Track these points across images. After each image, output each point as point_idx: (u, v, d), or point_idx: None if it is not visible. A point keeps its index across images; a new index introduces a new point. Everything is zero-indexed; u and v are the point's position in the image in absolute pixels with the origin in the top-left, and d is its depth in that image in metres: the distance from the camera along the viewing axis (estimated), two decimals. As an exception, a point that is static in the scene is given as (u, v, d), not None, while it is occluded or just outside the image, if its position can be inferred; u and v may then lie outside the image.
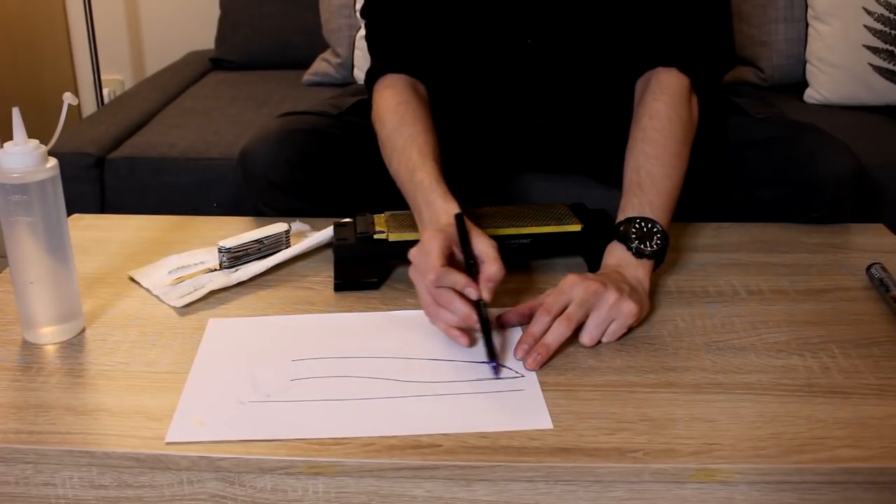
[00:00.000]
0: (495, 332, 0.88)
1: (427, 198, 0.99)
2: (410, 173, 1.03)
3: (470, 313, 0.86)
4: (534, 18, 1.24)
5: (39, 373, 0.85)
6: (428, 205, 0.98)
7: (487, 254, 0.89)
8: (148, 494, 0.75)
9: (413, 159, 1.04)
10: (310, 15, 2.21)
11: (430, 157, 1.04)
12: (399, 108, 1.12)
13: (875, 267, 1.02)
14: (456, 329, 0.88)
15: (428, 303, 0.90)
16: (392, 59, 1.20)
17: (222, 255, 1.04)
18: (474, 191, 1.47)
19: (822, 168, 1.17)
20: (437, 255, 0.88)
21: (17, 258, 0.87)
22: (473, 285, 0.87)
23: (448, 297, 0.87)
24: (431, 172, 1.01)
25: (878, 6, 1.84)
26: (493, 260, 0.89)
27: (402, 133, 1.08)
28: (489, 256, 0.89)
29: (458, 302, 0.87)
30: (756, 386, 0.82)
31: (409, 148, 1.06)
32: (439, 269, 0.87)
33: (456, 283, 0.87)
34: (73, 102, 0.86)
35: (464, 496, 0.73)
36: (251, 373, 0.84)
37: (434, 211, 0.97)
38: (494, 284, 0.88)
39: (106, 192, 1.71)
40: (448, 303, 0.88)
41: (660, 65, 1.14)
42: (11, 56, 2.38)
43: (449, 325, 0.88)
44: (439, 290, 0.88)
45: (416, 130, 1.08)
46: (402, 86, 1.17)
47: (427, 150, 1.05)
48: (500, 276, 0.88)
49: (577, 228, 1.05)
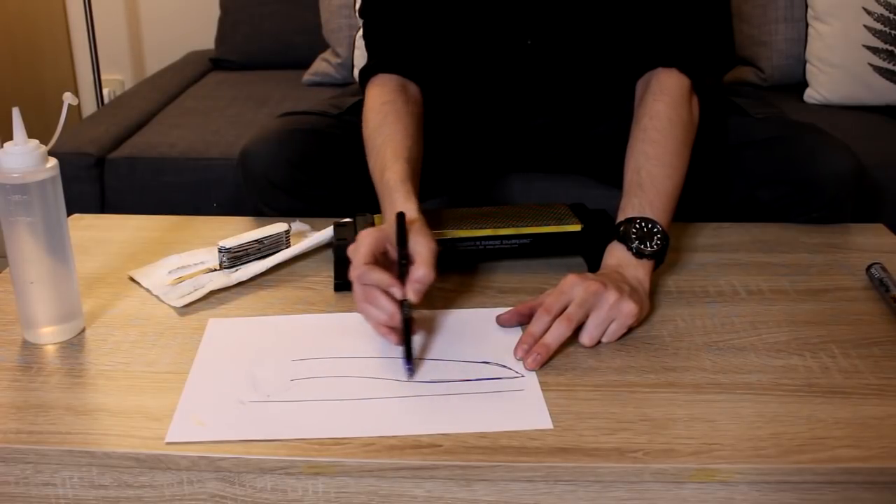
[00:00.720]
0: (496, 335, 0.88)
1: (391, 196, 0.99)
2: (381, 172, 1.03)
3: (394, 312, 0.86)
4: (534, 19, 1.24)
5: (39, 373, 0.85)
6: (390, 203, 0.98)
7: (421, 255, 0.88)
8: (148, 494, 0.75)
9: (385, 158, 1.04)
10: (310, 15, 2.21)
11: (402, 158, 1.04)
12: (383, 107, 1.13)
13: (875, 267, 1.02)
14: (384, 326, 0.88)
15: (357, 299, 0.89)
16: (383, 59, 1.21)
17: (222, 255, 1.04)
18: (475, 191, 1.47)
19: (822, 168, 1.17)
20: (364, 253, 0.88)
21: (17, 258, 0.87)
22: (397, 285, 0.86)
23: (374, 294, 0.87)
24: (399, 172, 1.01)
25: (878, 6, 1.84)
26: (425, 262, 0.87)
27: (381, 132, 1.09)
28: (421, 257, 0.88)
29: (383, 300, 0.86)
30: (756, 386, 0.82)
31: (384, 147, 1.06)
32: (363, 266, 0.87)
33: (380, 282, 0.86)
34: (73, 102, 0.86)
35: (464, 496, 0.73)
36: (251, 373, 0.84)
37: (394, 209, 0.96)
38: (422, 286, 0.86)
39: (106, 192, 1.71)
40: (373, 300, 0.87)
41: (660, 65, 1.14)
42: (11, 56, 2.38)
43: (377, 323, 0.88)
44: (366, 287, 0.88)
45: (395, 130, 1.08)
46: (390, 85, 1.17)
47: (401, 150, 1.05)
48: (429, 279, 0.86)
49: (577, 228, 1.05)
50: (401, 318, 0.85)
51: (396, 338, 0.87)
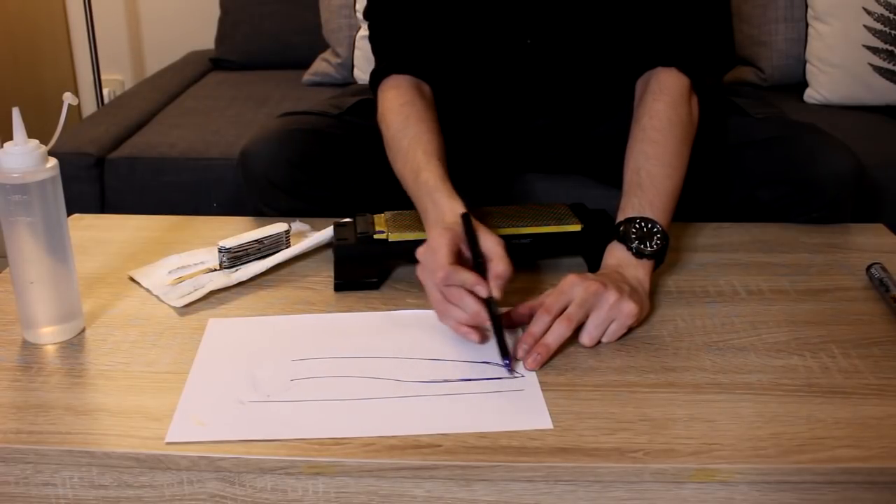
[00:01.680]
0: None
1: (432, 197, 0.99)
2: (415, 173, 1.03)
3: (480, 310, 0.87)
4: (534, 19, 1.24)
5: (39, 373, 0.85)
6: (433, 204, 0.98)
7: (495, 251, 0.90)
8: (148, 494, 0.75)
9: (418, 159, 1.04)
10: (310, 15, 2.21)
11: (435, 157, 1.04)
12: (403, 108, 1.13)
13: (875, 267, 1.02)
14: (466, 326, 0.88)
15: (437, 300, 0.90)
16: (396, 60, 1.20)
17: (222, 255, 1.04)
18: (475, 191, 1.47)
19: (822, 168, 1.17)
20: (446, 254, 0.88)
21: (17, 258, 0.87)
22: (483, 283, 0.87)
23: (458, 294, 0.88)
24: (436, 172, 1.01)
25: (878, 6, 1.84)
26: (501, 257, 0.89)
27: (407, 134, 1.08)
28: (497, 254, 0.89)
29: (468, 299, 0.87)
30: (756, 386, 0.82)
31: (413, 148, 1.06)
32: (448, 267, 0.87)
33: (465, 281, 0.87)
34: (73, 102, 0.86)
35: (464, 496, 0.73)
36: (251, 373, 0.84)
37: (439, 210, 0.97)
38: (503, 282, 0.88)
39: (106, 192, 1.71)
40: (458, 300, 0.88)
41: (660, 65, 1.14)
42: (11, 56, 2.38)
43: (459, 323, 0.89)
44: (449, 287, 0.88)
45: (421, 130, 1.08)
46: (406, 86, 1.17)
47: (431, 149, 1.05)
48: (509, 274, 0.88)
49: (577, 228, 1.05)
50: (490, 316, 0.86)
51: (479, 337, 0.88)
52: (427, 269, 0.91)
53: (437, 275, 0.88)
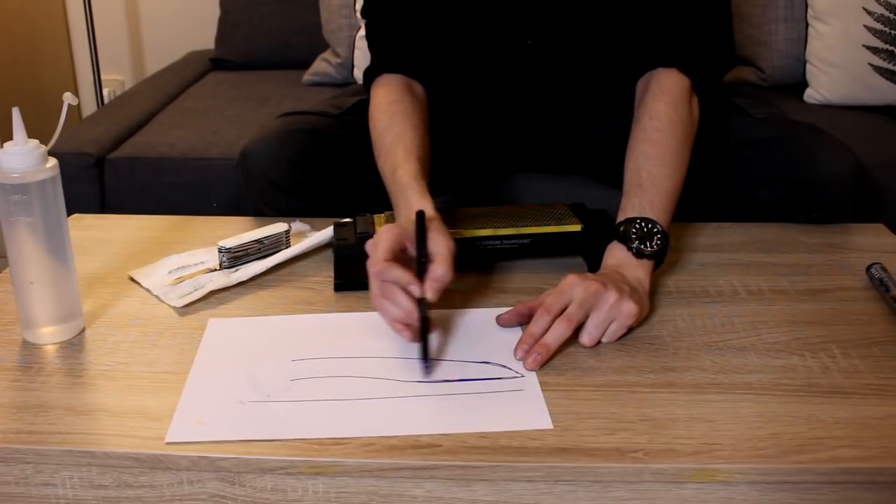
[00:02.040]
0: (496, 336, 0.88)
1: (404, 194, 0.99)
2: (392, 171, 1.03)
3: (412, 310, 0.86)
4: (533, 19, 1.24)
5: (39, 373, 0.85)
6: (405, 201, 0.98)
7: (439, 254, 0.88)
8: (148, 494, 0.75)
9: (397, 157, 1.04)
10: (310, 15, 2.21)
11: (414, 156, 1.04)
12: (390, 106, 1.13)
13: (875, 267, 1.02)
14: (399, 323, 0.88)
15: (374, 294, 0.89)
16: (388, 59, 1.21)
17: (222, 255, 1.04)
18: (475, 191, 1.47)
19: (822, 168, 1.17)
20: (384, 249, 0.88)
21: (17, 258, 0.87)
22: (416, 283, 0.86)
23: (392, 290, 0.87)
24: (412, 170, 1.01)
25: (878, 6, 1.84)
26: (444, 260, 0.87)
27: (391, 131, 1.09)
28: (441, 256, 0.88)
29: (400, 296, 0.86)
30: (756, 386, 0.82)
31: (395, 146, 1.06)
32: (382, 263, 0.87)
33: (399, 279, 0.86)
34: (73, 102, 0.86)
35: (464, 496, 0.73)
36: (251, 373, 0.84)
37: (409, 206, 0.97)
38: (440, 285, 0.86)
39: (106, 192, 1.71)
40: (391, 296, 0.87)
41: (660, 65, 1.14)
42: (11, 56, 2.38)
43: (393, 319, 0.88)
44: (385, 283, 0.88)
45: (405, 128, 1.08)
46: (396, 85, 1.17)
47: (412, 148, 1.05)
48: (448, 278, 0.87)
49: (577, 228, 1.05)
50: (418, 316, 0.85)
51: (411, 335, 0.87)
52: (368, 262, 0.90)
53: (370, 268, 0.88)
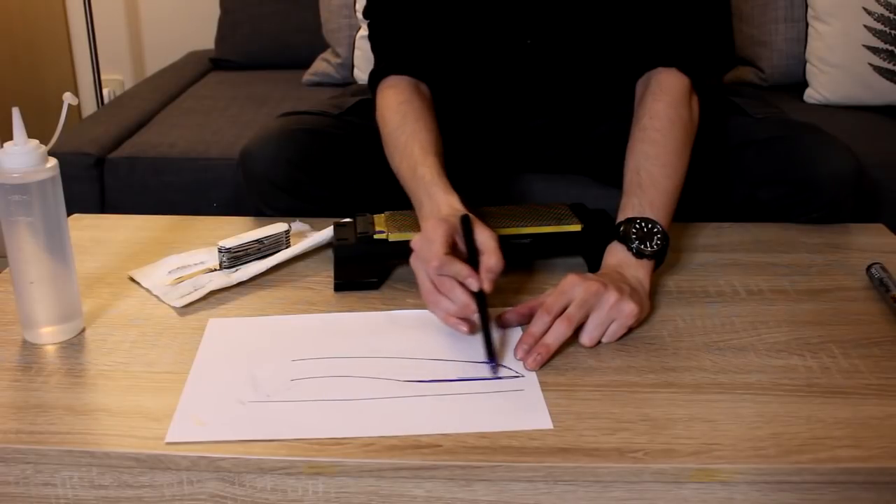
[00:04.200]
0: (494, 331, 0.88)
1: (428, 191, 1.00)
2: (412, 169, 1.04)
3: (469, 302, 0.87)
4: (533, 19, 1.24)
5: (39, 373, 0.85)
6: (429, 197, 0.99)
7: (489, 245, 0.90)
8: (148, 494, 0.75)
9: (415, 156, 1.05)
10: (310, 15, 2.21)
11: (432, 153, 1.05)
12: (401, 106, 1.13)
13: (875, 267, 1.02)
14: (454, 318, 0.88)
15: (428, 290, 0.90)
16: (394, 61, 1.21)
17: (222, 255, 1.04)
18: (474, 191, 1.47)
19: (822, 168, 1.17)
20: (441, 243, 0.89)
21: (17, 258, 0.87)
22: (475, 275, 0.87)
23: (449, 284, 0.88)
24: (433, 167, 1.02)
25: (878, 6, 1.84)
26: (494, 251, 0.89)
27: (405, 131, 1.09)
28: (490, 248, 0.90)
29: (458, 290, 0.87)
30: (756, 386, 0.82)
31: (410, 145, 1.06)
32: (442, 257, 0.88)
33: (458, 273, 0.87)
34: (73, 102, 0.86)
35: (464, 496, 0.73)
36: (251, 373, 0.84)
37: (435, 203, 0.98)
38: (494, 275, 0.88)
39: (106, 192, 1.71)
40: (448, 290, 0.88)
41: (660, 65, 1.14)
42: (11, 56, 2.38)
43: (448, 314, 0.89)
44: (441, 278, 0.88)
45: (418, 128, 1.09)
46: (403, 86, 1.17)
47: (428, 146, 1.06)
48: (500, 268, 0.89)
49: (577, 228, 1.05)
50: (479, 310, 0.86)
51: (467, 327, 0.88)
52: (420, 258, 0.91)
53: (430, 263, 0.88)
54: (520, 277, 1.03)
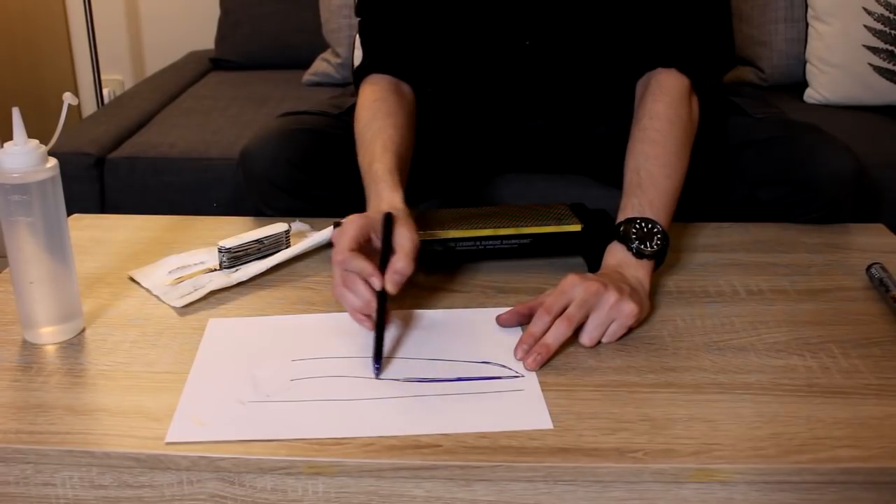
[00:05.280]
0: (496, 336, 0.88)
1: (376, 187, 1.00)
2: (369, 164, 1.04)
3: (371, 300, 0.87)
4: (532, 20, 1.24)
5: (39, 373, 0.85)
6: (376, 194, 1.00)
7: (402, 247, 0.90)
8: (148, 494, 0.75)
9: (375, 152, 1.05)
10: (310, 15, 2.21)
11: (391, 151, 1.05)
12: (374, 104, 1.14)
13: (875, 267, 1.02)
14: (359, 313, 0.89)
15: (336, 283, 0.90)
16: (377, 59, 1.21)
17: (222, 255, 1.04)
18: (475, 191, 1.47)
19: (822, 168, 1.17)
20: (349, 238, 0.89)
21: (17, 258, 0.87)
22: (378, 275, 0.87)
23: (352, 280, 0.89)
24: (387, 164, 1.03)
25: (878, 6, 1.84)
26: (406, 254, 0.89)
27: (371, 128, 1.10)
28: (403, 249, 0.89)
29: (360, 286, 0.88)
30: (756, 386, 0.82)
31: (374, 141, 1.07)
32: (347, 252, 0.88)
33: (362, 270, 0.88)
34: (73, 102, 0.86)
35: (464, 496, 0.73)
36: (251, 373, 0.84)
37: (379, 198, 0.98)
38: (401, 277, 0.88)
39: (106, 192, 1.71)
40: (352, 286, 0.89)
41: (660, 65, 1.14)
42: (11, 56, 2.38)
43: (353, 309, 0.89)
44: (347, 272, 0.89)
45: (385, 125, 1.09)
46: (382, 84, 1.18)
47: (390, 143, 1.06)
48: (409, 271, 0.88)
49: (577, 228, 1.05)
50: (378, 310, 0.86)
51: (370, 324, 0.88)
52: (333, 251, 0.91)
53: (335, 257, 0.89)
54: (520, 277, 1.03)
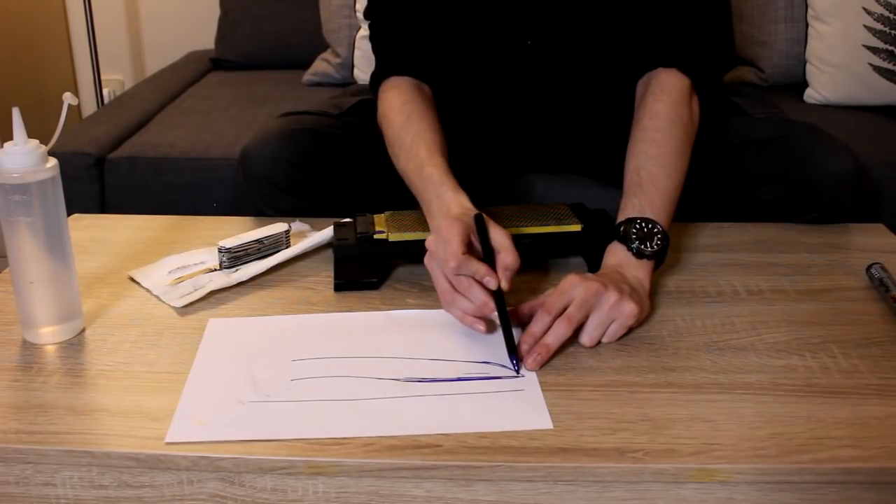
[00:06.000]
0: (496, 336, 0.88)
1: (437, 190, 1.00)
2: (419, 169, 1.04)
3: (488, 301, 0.87)
4: (534, 20, 1.24)
5: (39, 373, 0.85)
6: (438, 196, 0.99)
7: (503, 243, 0.91)
8: (148, 494, 0.75)
9: (421, 156, 1.05)
10: (310, 15, 2.21)
11: (438, 153, 1.05)
12: (405, 107, 1.13)
13: (875, 267, 1.02)
14: (472, 317, 0.89)
15: (445, 289, 0.90)
16: (396, 62, 1.21)
17: (222, 255, 1.04)
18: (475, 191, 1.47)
19: (822, 168, 1.17)
20: (458, 243, 0.89)
21: (17, 258, 0.87)
22: (493, 275, 0.88)
23: (467, 284, 0.89)
24: (440, 166, 1.03)
25: (878, 6, 1.84)
26: (509, 249, 0.90)
27: (409, 131, 1.09)
28: (505, 246, 0.90)
29: (476, 289, 0.88)
30: (756, 386, 0.82)
31: (416, 145, 1.07)
32: (461, 257, 0.88)
33: (476, 272, 0.88)
34: (73, 102, 0.86)
35: (464, 496, 0.73)
36: (251, 373, 0.84)
37: (444, 201, 0.98)
38: (511, 273, 0.89)
39: (106, 192, 1.71)
40: (466, 290, 0.89)
41: (660, 65, 1.14)
42: (11, 56, 2.38)
43: (466, 313, 0.89)
44: (458, 277, 0.89)
45: (423, 128, 1.09)
46: (406, 86, 1.18)
47: (434, 146, 1.06)
48: (517, 266, 0.89)
49: (577, 228, 1.05)
50: (497, 309, 0.87)
51: (485, 326, 0.89)
52: (437, 258, 0.91)
53: (448, 264, 0.88)
54: (520, 277, 1.03)
